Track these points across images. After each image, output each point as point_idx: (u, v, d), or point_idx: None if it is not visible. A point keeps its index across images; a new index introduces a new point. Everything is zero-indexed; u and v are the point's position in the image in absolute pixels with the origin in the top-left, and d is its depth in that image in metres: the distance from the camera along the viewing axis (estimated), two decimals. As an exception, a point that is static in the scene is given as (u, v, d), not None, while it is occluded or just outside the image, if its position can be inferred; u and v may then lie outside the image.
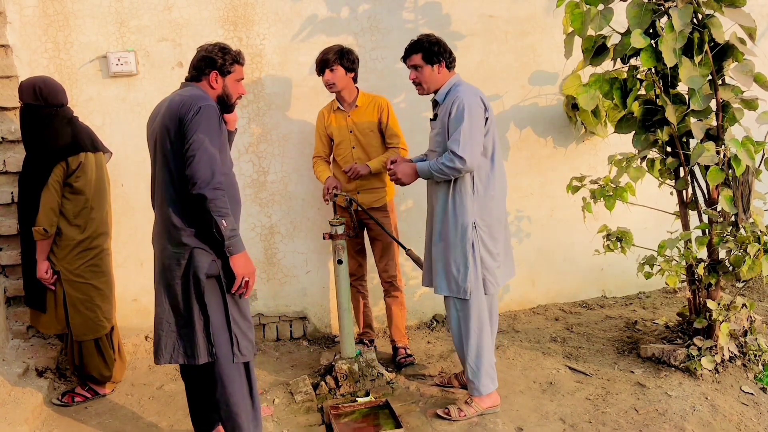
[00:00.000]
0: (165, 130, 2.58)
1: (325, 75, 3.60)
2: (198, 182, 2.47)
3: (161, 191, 2.64)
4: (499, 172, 3.19)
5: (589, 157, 4.54)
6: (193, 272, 2.60)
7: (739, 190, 3.29)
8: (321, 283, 4.29)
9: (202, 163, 2.49)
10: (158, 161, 2.65)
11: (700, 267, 3.43)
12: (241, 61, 2.76)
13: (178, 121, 2.55)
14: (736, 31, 3.27)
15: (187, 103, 2.56)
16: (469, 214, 3.11)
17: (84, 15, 3.78)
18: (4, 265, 3.83)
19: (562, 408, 3.26)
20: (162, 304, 2.68)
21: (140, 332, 4.07)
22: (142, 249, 4.00)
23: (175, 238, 2.60)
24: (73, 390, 3.50)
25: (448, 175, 3.07)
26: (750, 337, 3.51)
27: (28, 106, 3.27)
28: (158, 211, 2.70)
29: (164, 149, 2.60)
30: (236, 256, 2.56)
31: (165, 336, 2.67)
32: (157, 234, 2.71)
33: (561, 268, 4.65)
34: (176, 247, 2.61)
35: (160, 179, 2.65)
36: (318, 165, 3.82)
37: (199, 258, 2.60)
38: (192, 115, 2.52)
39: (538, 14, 4.35)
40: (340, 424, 3.16)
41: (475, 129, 3.03)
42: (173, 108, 2.58)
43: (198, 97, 2.60)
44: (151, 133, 2.71)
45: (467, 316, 3.16)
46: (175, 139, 2.56)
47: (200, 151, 2.49)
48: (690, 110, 3.31)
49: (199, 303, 2.62)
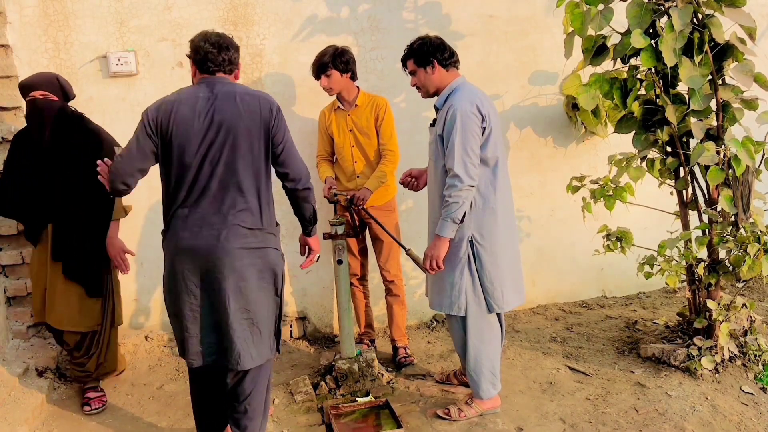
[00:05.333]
0: (247, 130, 2.52)
1: (322, 80, 3.60)
2: (302, 178, 2.66)
3: (227, 193, 2.53)
4: (502, 183, 3.04)
5: (589, 157, 4.54)
6: (273, 269, 2.64)
7: (739, 190, 3.28)
8: (321, 283, 4.29)
9: (298, 160, 2.67)
10: (231, 160, 2.52)
11: (700, 267, 3.43)
12: None
13: (264, 121, 2.55)
14: (736, 31, 3.27)
15: (264, 101, 2.59)
16: (465, 227, 2.99)
17: (84, 15, 3.78)
18: (4, 265, 3.83)
19: (562, 408, 3.26)
20: (232, 311, 2.56)
21: (140, 332, 4.08)
22: (142, 249, 4.01)
23: (251, 238, 2.57)
24: (89, 392, 3.43)
25: (457, 201, 2.90)
26: (750, 337, 3.51)
27: (55, 102, 3.21)
28: (213, 215, 2.54)
29: (245, 149, 2.53)
30: (315, 237, 2.91)
31: (240, 342, 2.58)
32: (213, 239, 2.52)
33: (561, 268, 4.65)
34: (253, 247, 2.57)
35: (228, 180, 2.53)
36: (321, 165, 3.82)
37: (275, 256, 2.66)
38: (276, 113, 2.59)
39: (538, 14, 4.35)
40: (340, 424, 3.16)
41: (468, 142, 2.90)
42: (252, 106, 2.54)
43: (260, 94, 2.62)
44: (202, 131, 2.51)
45: (465, 332, 3.11)
46: (259, 139, 2.56)
47: (293, 149, 2.65)
48: (690, 110, 3.31)
49: (275, 298, 2.68)
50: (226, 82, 2.62)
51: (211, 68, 2.60)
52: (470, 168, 2.91)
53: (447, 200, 2.92)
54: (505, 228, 3.08)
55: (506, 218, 3.10)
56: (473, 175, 2.92)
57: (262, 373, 2.72)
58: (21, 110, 3.74)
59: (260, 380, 2.73)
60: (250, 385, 2.70)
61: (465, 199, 2.92)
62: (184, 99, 2.55)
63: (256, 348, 2.61)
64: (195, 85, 2.64)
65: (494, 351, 3.17)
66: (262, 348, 2.63)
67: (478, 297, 3.05)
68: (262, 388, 2.75)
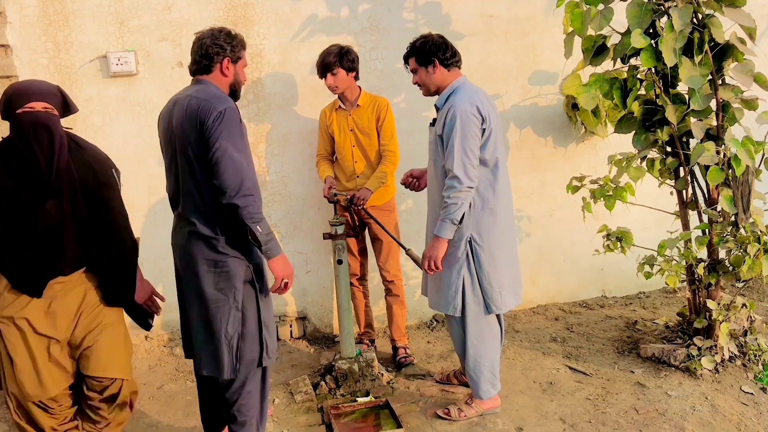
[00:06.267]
0: (185, 137, 2.46)
1: (328, 79, 3.58)
2: (227, 191, 2.39)
3: (187, 199, 2.53)
4: (502, 184, 3.03)
5: (589, 157, 4.54)
6: (231, 281, 2.53)
7: (739, 190, 3.28)
8: (321, 283, 4.30)
9: (229, 171, 2.39)
10: (181, 168, 2.52)
11: (700, 267, 3.43)
12: (245, 46, 2.68)
13: (199, 127, 2.42)
14: (736, 31, 3.27)
15: (205, 107, 2.42)
16: (464, 228, 2.98)
17: (84, 15, 3.78)
18: (4, 265, 3.82)
19: (562, 408, 3.26)
20: (191, 314, 2.60)
21: (140, 332, 4.07)
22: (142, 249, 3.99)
23: (208, 247, 2.52)
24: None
25: (456, 202, 2.89)
26: (750, 336, 3.51)
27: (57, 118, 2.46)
28: (183, 219, 2.58)
29: (187, 157, 2.47)
30: (275, 260, 2.51)
31: (197, 346, 2.60)
32: (184, 241, 2.58)
33: (561, 268, 4.65)
34: (210, 257, 2.52)
35: (185, 187, 2.52)
36: (321, 164, 3.83)
37: (235, 266, 2.53)
38: (212, 120, 2.40)
39: (538, 14, 4.35)
40: (340, 424, 3.16)
41: (468, 143, 2.88)
42: (191, 112, 2.44)
43: (215, 97, 2.47)
44: (166, 135, 2.58)
45: (464, 332, 3.11)
46: (197, 147, 2.44)
47: (225, 158, 2.39)
48: (690, 110, 3.31)
49: (234, 312, 2.54)
50: (201, 84, 2.58)
51: (191, 70, 2.64)
52: (469, 169, 2.91)
53: (446, 201, 2.92)
54: (504, 229, 3.08)
55: (505, 219, 3.09)
56: (472, 176, 2.92)
57: (249, 381, 2.64)
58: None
59: (248, 387, 2.65)
60: (236, 393, 2.64)
61: (464, 201, 2.92)
62: (169, 103, 2.63)
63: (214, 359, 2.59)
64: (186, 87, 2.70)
65: (494, 351, 3.17)
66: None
67: (477, 297, 3.04)
68: (251, 399, 2.67)
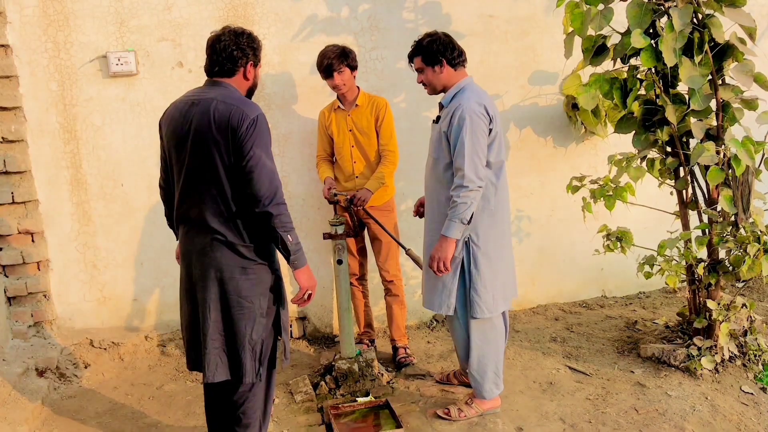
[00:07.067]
0: (213, 143, 2.39)
1: (334, 79, 3.57)
2: (262, 200, 2.38)
3: (208, 205, 2.46)
4: (502, 187, 3.03)
5: (589, 157, 4.54)
6: (258, 288, 2.52)
7: (739, 190, 3.28)
8: (321, 283, 4.28)
9: (263, 180, 2.38)
10: (198, 173, 2.45)
11: (700, 267, 3.43)
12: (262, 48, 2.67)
13: (231, 134, 2.37)
14: (736, 31, 3.27)
15: (236, 113, 2.38)
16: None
17: (84, 15, 3.78)
18: (4, 265, 3.83)
19: (562, 408, 3.26)
20: (207, 320, 2.52)
21: (140, 332, 4.08)
22: (142, 249, 4.01)
23: (235, 253, 2.47)
24: None
25: (466, 202, 2.86)
26: (750, 336, 3.51)
27: None
28: (199, 225, 2.50)
29: (210, 162, 2.41)
30: (301, 270, 2.51)
31: (211, 353, 2.54)
32: (204, 247, 2.50)
33: (561, 268, 4.65)
34: (237, 263, 2.48)
35: (204, 192, 2.46)
36: (320, 165, 3.83)
37: (262, 273, 2.52)
38: (246, 128, 2.36)
39: (538, 14, 4.35)
40: (340, 424, 3.15)
41: (478, 142, 2.87)
42: (220, 118, 2.38)
43: (244, 103, 2.44)
44: (178, 137, 2.49)
45: (468, 332, 3.10)
46: (227, 154, 2.39)
47: (259, 167, 2.37)
48: (690, 110, 3.31)
49: (260, 318, 2.53)
50: (221, 87, 2.52)
51: (209, 71, 2.57)
52: (479, 169, 2.89)
53: (455, 201, 2.89)
54: (502, 231, 3.08)
55: (504, 221, 3.09)
56: (482, 176, 2.90)
57: (257, 384, 2.63)
58: (21, 110, 3.74)
59: (255, 389, 2.64)
60: (243, 395, 2.64)
61: (473, 200, 2.90)
62: (180, 102, 2.54)
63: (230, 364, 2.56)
64: (200, 87, 2.61)
65: (498, 351, 3.17)
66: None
67: (470, 299, 3.03)
68: (257, 401, 2.67)
